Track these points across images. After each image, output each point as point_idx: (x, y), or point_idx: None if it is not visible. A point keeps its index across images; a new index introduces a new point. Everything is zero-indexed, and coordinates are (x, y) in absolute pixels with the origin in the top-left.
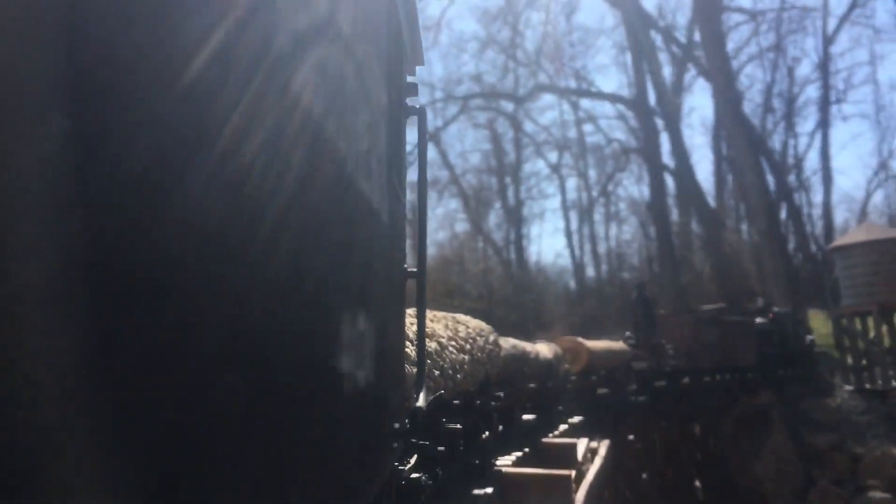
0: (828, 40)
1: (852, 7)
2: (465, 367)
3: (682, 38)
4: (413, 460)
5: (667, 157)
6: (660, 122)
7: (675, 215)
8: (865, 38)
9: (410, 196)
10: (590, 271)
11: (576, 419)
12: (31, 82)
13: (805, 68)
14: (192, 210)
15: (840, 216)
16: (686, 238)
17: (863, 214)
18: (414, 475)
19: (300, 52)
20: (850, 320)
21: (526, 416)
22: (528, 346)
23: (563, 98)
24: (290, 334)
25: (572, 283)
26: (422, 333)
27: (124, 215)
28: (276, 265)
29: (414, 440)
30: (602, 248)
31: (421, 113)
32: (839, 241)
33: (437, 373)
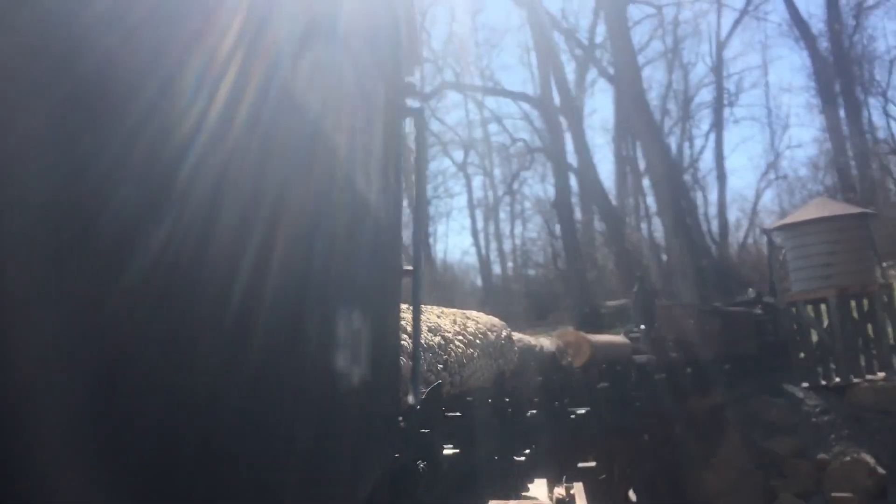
0: (721, 45)
1: (744, 12)
2: (474, 361)
3: (585, 40)
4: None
5: (571, 157)
6: (564, 122)
7: (578, 213)
8: (758, 43)
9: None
10: (496, 269)
11: (582, 410)
12: (33, 84)
13: (700, 71)
14: (188, 209)
15: (732, 215)
16: (589, 235)
17: (754, 213)
18: (412, 462)
19: (299, 52)
20: (801, 308)
21: (530, 412)
22: (532, 339)
23: (470, 97)
24: (286, 332)
25: (479, 281)
26: (417, 330)
27: (119, 215)
28: (274, 263)
29: (411, 435)
30: (507, 246)
31: (418, 113)
32: (789, 218)
33: (440, 367)
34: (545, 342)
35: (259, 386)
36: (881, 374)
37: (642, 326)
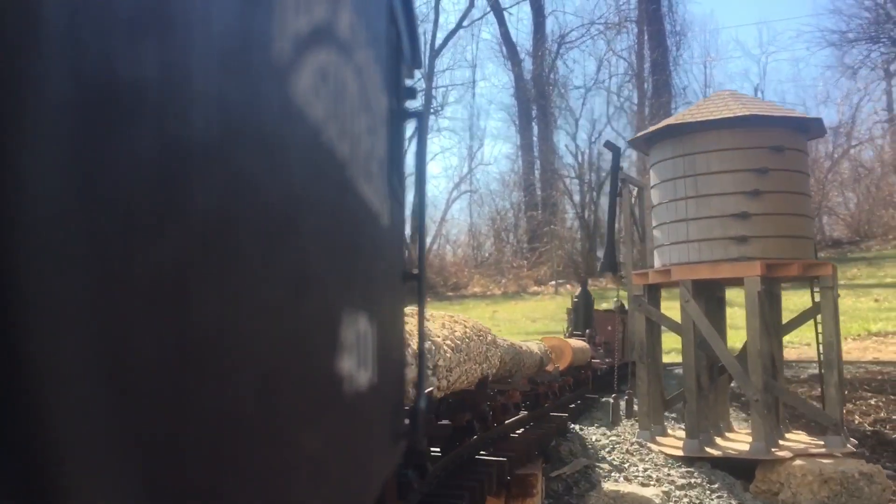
0: (434, 54)
1: (458, 26)
2: (461, 366)
3: None
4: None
5: None
6: None
7: None
8: (468, 59)
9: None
10: None
11: (563, 415)
12: (34, 83)
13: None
14: (193, 213)
15: None
16: None
17: (442, 221)
18: (402, 471)
19: (301, 56)
20: (683, 296)
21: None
22: (522, 343)
23: None
24: (291, 336)
25: None
26: (422, 335)
27: (125, 218)
28: (279, 267)
29: (414, 440)
30: None
31: (419, 116)
32: (670, 119)
33: (429, 371)
34: (532, 346)
35: (266, 390)
36: (811, 437)
37: (587, 331)
